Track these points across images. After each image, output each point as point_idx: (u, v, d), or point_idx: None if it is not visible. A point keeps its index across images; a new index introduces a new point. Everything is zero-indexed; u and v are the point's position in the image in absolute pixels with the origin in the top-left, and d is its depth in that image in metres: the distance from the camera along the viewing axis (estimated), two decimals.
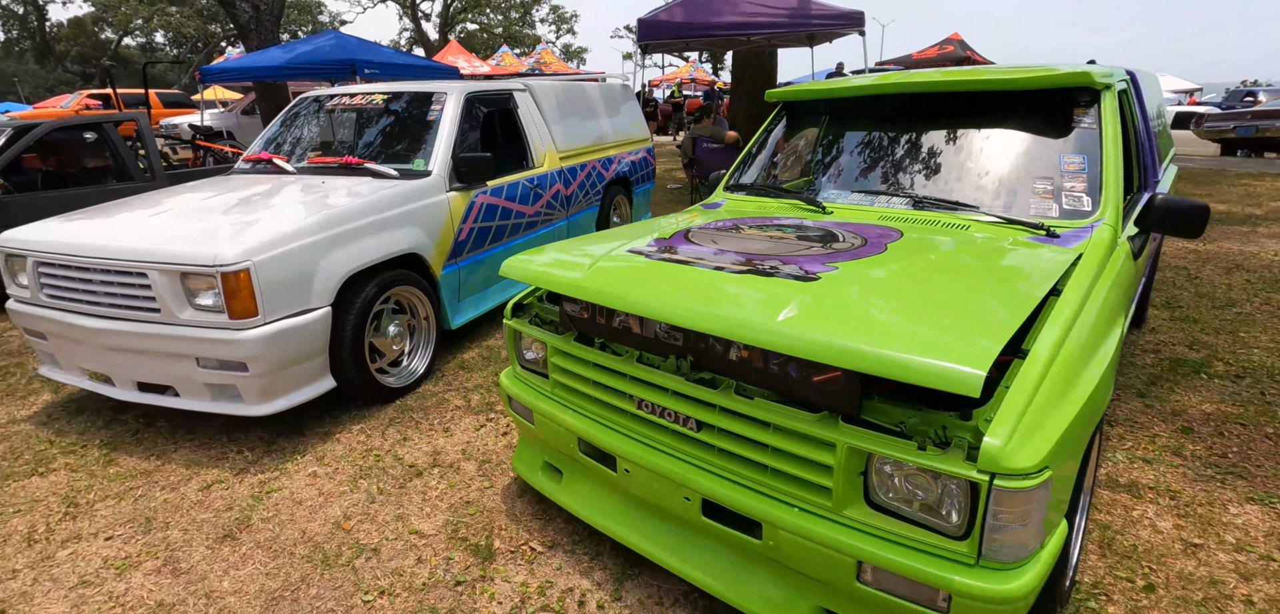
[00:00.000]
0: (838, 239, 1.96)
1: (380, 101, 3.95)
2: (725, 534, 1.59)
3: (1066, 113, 2.32)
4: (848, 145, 2.72)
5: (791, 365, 1.47)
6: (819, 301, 1.48)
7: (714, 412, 1.58)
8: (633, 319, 1.79)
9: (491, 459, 2.61)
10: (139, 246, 2.54)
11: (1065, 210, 2.10)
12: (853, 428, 1.36)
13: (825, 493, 1.41)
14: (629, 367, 1.75)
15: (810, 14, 7.51)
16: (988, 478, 1.20)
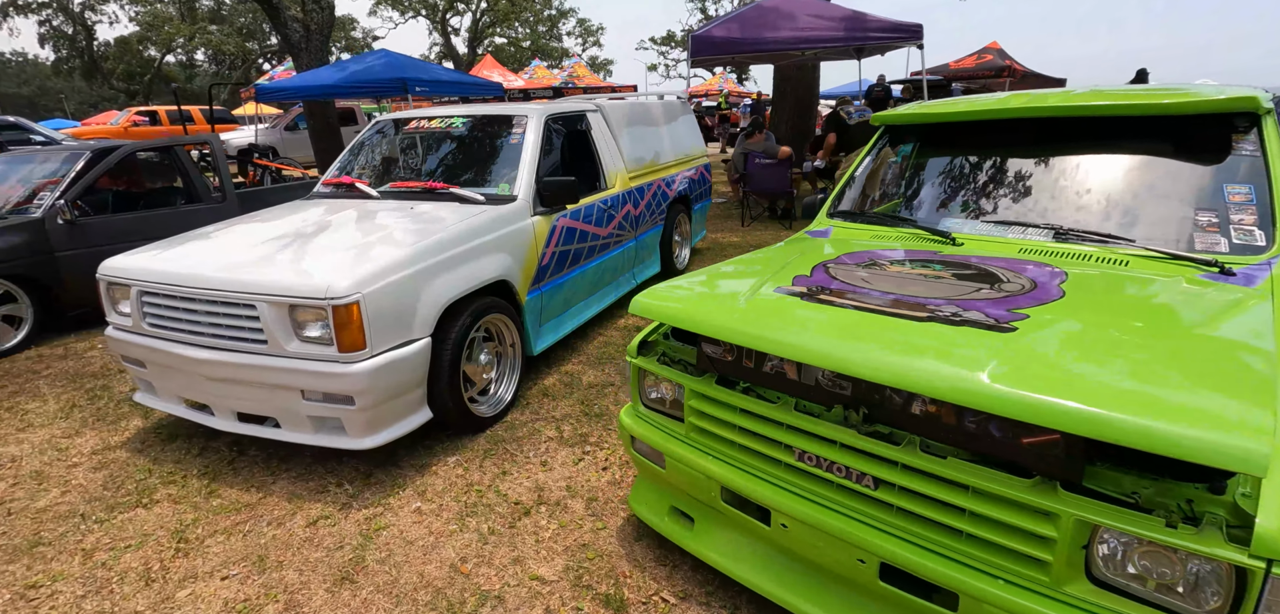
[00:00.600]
0: (1001, 279, 1.84)
1: (459, 125, 3.92)
2: (908, 602, 1.47)
3: (1223, 138, 2.17)
4: (969, 171, 2.60)
5: (993, 424, 1.35)
6: (1025, 356, 1.36)
7: (896, 469, 1.47)
8: (788, 364, 1.70)
9: (598, 497, 2.52)
10: (247, 278, 2.51)
11: (1236, 245, 1.95)
12: (1079, 497, 1.24)
13: (1041, 566, 1.29)
14: (787, 415, 1.65)
15: (867, 27, 7.37)
16: (1264, 565, 1.07)
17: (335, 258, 2.61)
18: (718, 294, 1.95)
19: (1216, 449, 1.05)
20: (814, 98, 12.15)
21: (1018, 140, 2.55)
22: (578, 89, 20.89)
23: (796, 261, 2.18)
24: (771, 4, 7.93)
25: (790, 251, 2.40)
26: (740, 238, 7.20)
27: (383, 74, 8.48)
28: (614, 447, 2.88)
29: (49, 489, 2.75)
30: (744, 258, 2.43)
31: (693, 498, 1.98)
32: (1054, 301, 1.64)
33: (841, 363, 1.47)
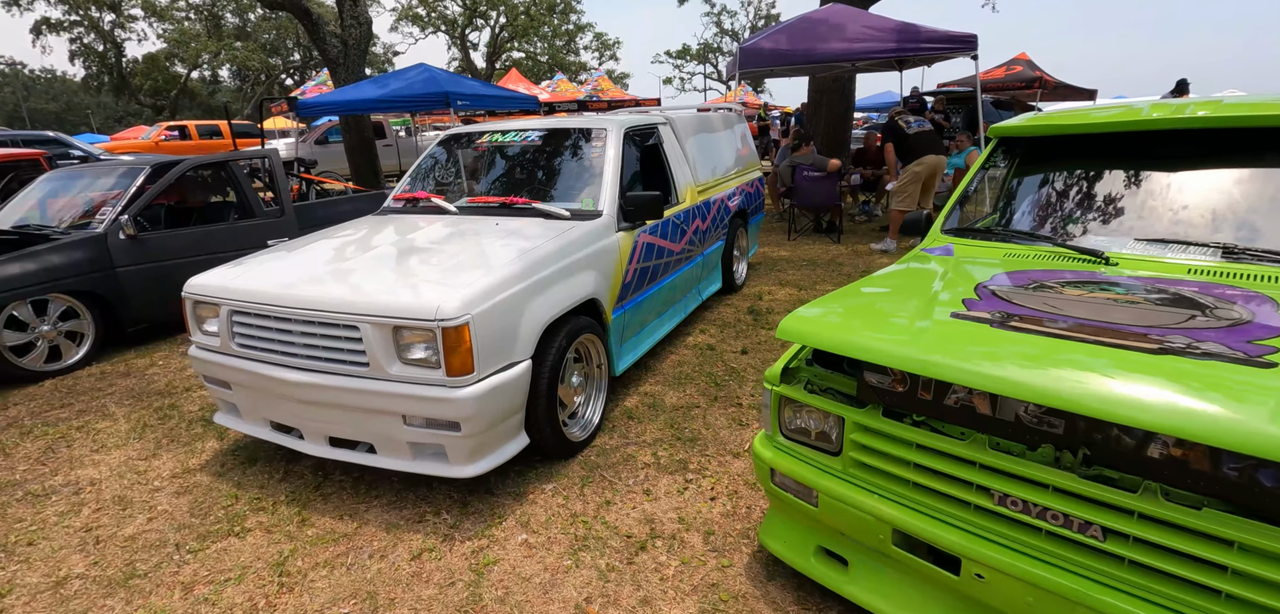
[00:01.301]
0: (1208, 306, 1.68)
1: (535, 139, 3.82)
2: None
3: None
4: (1108, 185, 2.44)
5: (1263, 472, 1.20)
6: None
7: (1132, 519, 1.32)
8: (977, 397, 1.55)
9: (715, 531, 2.38)
10: (349, 298, 2.41)
11: None
12: None
13: None
14: (984, 455, 1.51)
15: (920, 39, 7.22)
16: None
17: (437, 277, 2.50)
18: (879, 318, 1.81)
19: None
20: (850, 109, 12.00)
21: (1156, 151, 2.39)
22: (602, 103, 20.90)
23: (951, 281, 2.04)
24: (819, 16, 7.82)
25: (926, 271, 2.26)
26: (789, 252, 7.06)
27: (423, 89, 8.46)
28: (717, 474, 2.74)
29: (134, 515, 2.65)
30: (875, 278, 2.28)
31: (850, 539, 1.83)
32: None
33: (1068, 399, 1.32)
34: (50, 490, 2.88)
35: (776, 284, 5.69)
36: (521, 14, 43.11)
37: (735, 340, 4.31)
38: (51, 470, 3.05)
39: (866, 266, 6.17)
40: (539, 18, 44.47)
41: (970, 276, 2.09)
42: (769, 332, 4.44)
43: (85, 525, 2.61)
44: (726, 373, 3.79)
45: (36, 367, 4.18)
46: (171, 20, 38.39)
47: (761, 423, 2.05)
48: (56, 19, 35.20)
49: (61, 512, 2.71)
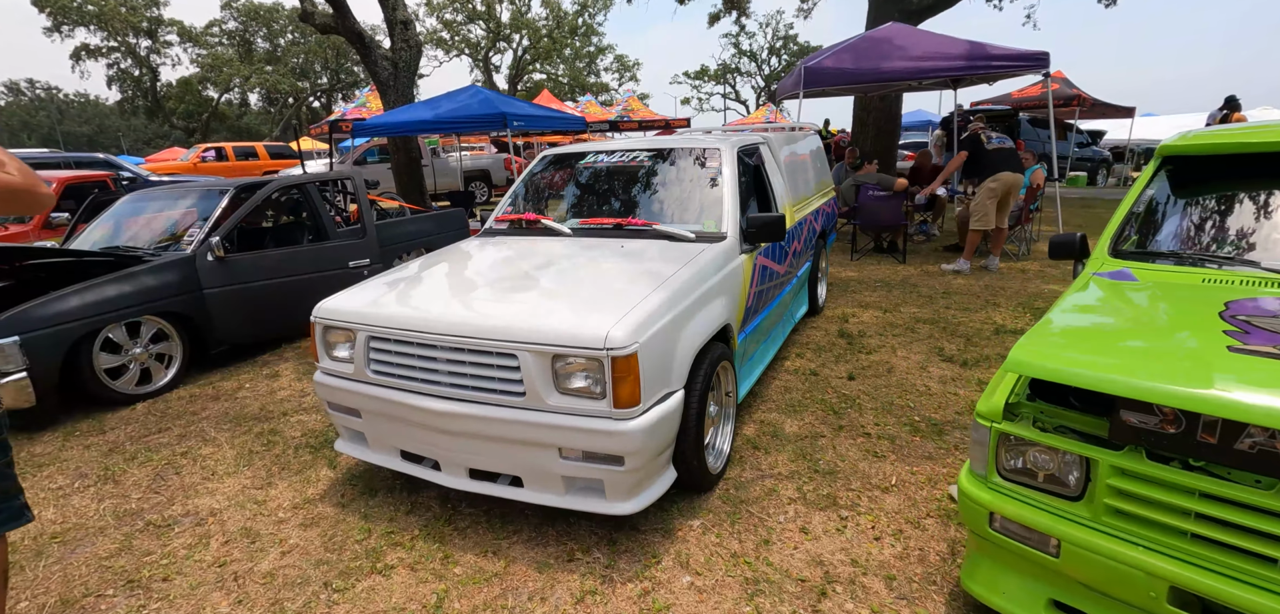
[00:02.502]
0: None
1: (645, 158, 3.73)
2: None
3: None
4: None
5: None
6: None
7: None
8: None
9: (896, 576, 2.22)
10: (507, 324, 2.30)
11: None
12: None
13: None
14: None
15: (989, 56, 7.10)
16: None
17: (594, 303, 2.39)
18: (1129, 352, 1.66)
19: None
20: (896, 127, 11.90)
21: None
22: (633, 123, 20.98)
23: (1182, 310, 1.89)
24: (883, 34, 7.74)
25: (1130, 298, 2.11)
26: (856, 272, 6.90)
27: (479, 110, 8.46)
28: (871, 510, 2.58)
29: (266, 549, 2.55)
30: (1073, 307, 2.13)
31: (1101, 594, 1.67)
32: None
33: None
34: (170, 521, 2.79)
35: (858, 306, 5.54)
36: (544, 36, 43.69)
37: (836, 365, 4.16)
38: (167, 499, 2.97)
39: (946, 288, 6.00)
40: (561, 40, 45.04)
41: (1200, 304, 1.93)
42: (869, 356, 4.29)
43: (217, 560, 2.51)
44: (840, 400, 3.63)
45: (128, 390, 4.13)
46: (205, 45, 39.34)
47: (973, 463, 1.90)
48: (95, 45, 36.22)
49: (189, 544, 2.61)
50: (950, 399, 3.57)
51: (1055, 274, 6.40)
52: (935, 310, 5.29)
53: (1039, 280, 6.17)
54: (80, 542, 2.67)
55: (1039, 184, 7.62)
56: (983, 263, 6.76)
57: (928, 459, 2.95)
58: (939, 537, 2.40)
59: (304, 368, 4.60)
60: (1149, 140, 18.97)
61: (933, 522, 2.49)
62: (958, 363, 4.09)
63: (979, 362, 4.09)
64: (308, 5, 10.34)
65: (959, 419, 3.32)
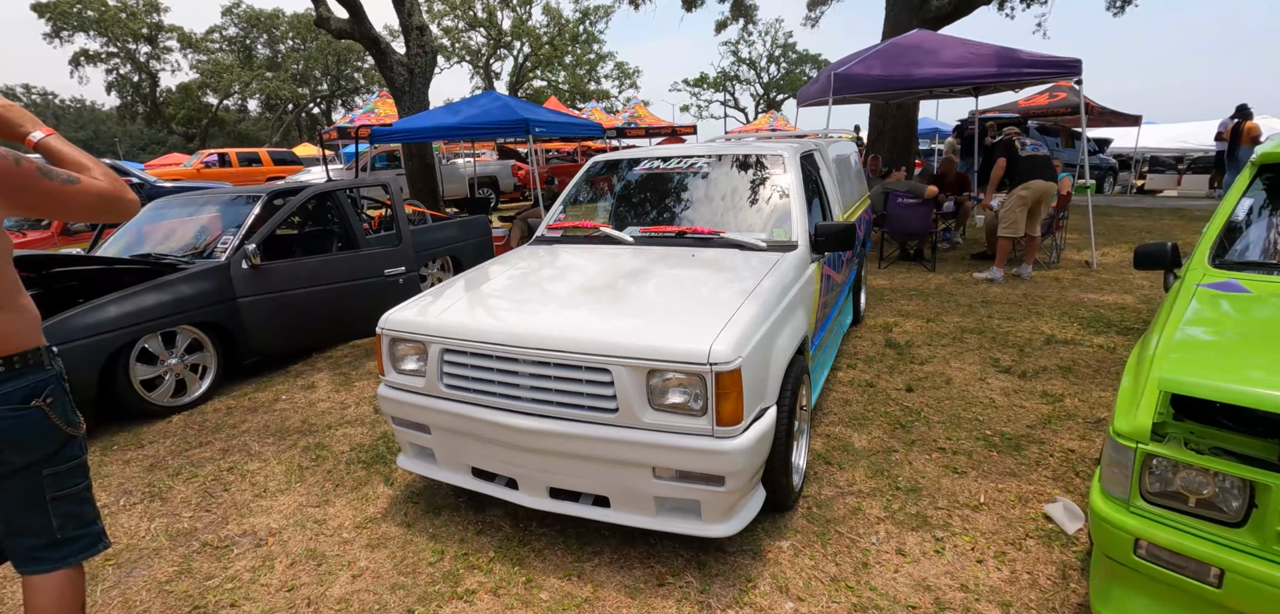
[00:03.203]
0: None
1: (704, 165, 3.64)
2: None
3: None
4: None
5: None
6: None
7: None
8: None
9: (1012, 602, 2.12)
10: (599, 337, 2.20)
11: None
12: None
13: None
14: None
15: (1021, 63, 7.04)
16: None
17: (687, 314, 2.29)
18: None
19: None
20: (913, 134, 11.88)
21: None
22: (640, 130, 20.93)
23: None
24: (911, 41, 7.69)
25: (1264, 314, 2.02)
26: (886, 281, 6.83)
27: (501, 117, 8.37)
28: (966, 531, 2.48)
29: (335, 572, 2.43)
30: (1196, 319, 2.04)
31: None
32: None
33: None
34: (228, 541, 2.67)
35: (898, 315, 5.45)
36: (545, 44, 43.70)
37: (891, 376, 4.07)
38: (220, 518, 2.85)
39: (984, 297, 5.92)
40: (562, 47, 45.05)
41: None
42: (922, 366, 4.20)
43: (284, 584, 2.39)
44: (903, 413, 3.54)
45: (164, 401, 4.01)
46: (205, 51, 39.18)
47: (1109, 485, 1.80)
48: (94, 51, 36.01)
49: (252, 567, 2.49)
50: (1018, 412, 3.48)
51: (1090, 282, 6.34)
52: (979, 319, 5.21)
53: (1076, 289, 6.10)
54: (135, 564, 2.55)
55: (1067, 193, 7.56)
56: (1016, 271, 6.69)
57: (1010, 476, 2.86)
58: (1045, 559, 2.30)
59: (340, 379, 4.48)
60: (1154, 148, 19.02)
61: (1034, 543, 2.39)
62: (1016, 374, 4.00)
63: (1038, 373, 4.00)
64: (322, 11, 10.24)
65: (1032, 433, 3.23)
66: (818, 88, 8.17)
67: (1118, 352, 4.32)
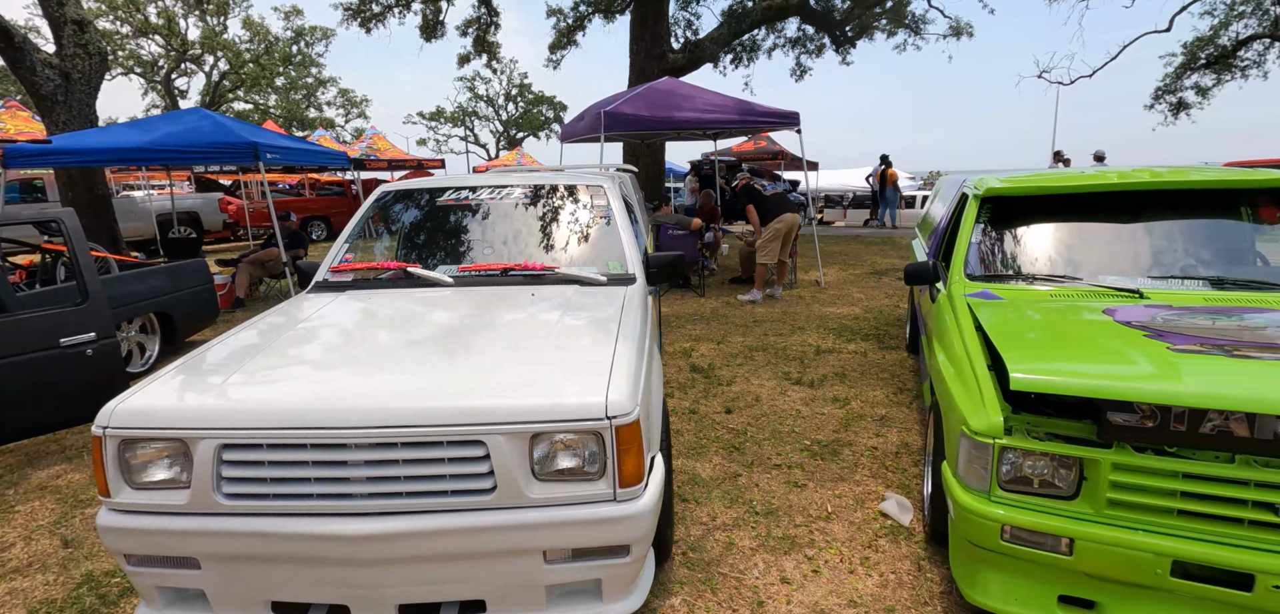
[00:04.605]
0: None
1: (520, 195, 3.31)
2: None
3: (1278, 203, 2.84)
4: (1105, 235, 2.97)
5: None
6: None
7: None
8: (1236, 421, 1.73)
9: (893, 607, 2.22)
10: (465, 403, 1.75)
11: None
12: None
13: None
14: (1268, 474, 1.67)
15: (755, 113, 8.12)
16: None
17: (564, 363, 1.97)
18: (1102, 367, 1.90)
19: None
20: (662, 172, 12.96)
21: (1138, 208, 2.98)
22: (381, 162, 19.22)
23: (1086, 321, 2.25)
24: (667, 87, 8.32)
25: (1033, 315, 2.45)
26: (667, 308, 7.18)
27: (216, 138, 6.80)
28: (829, 544, 2.58)
29: None
30: (1001, 325, 2.40)
31: (1104, 580, 1.86)
32: None
33: None
34: None
35: (691, 340, 5.72)
36: (249, 62, 37.80)
37: (708, 401, 4.19)
38: None
39: (752, 317, 6.55)
40: (271, 68, 39.48)
41: (1087, 315, 2.34)
42: (730, 388, 4.41)
43: None
44: (732, 435, 3.64)
45: None
46: None
47: (970, 480, 1.99)
48: None
49: None
50: (821, 419, 3.83)
51: (825, 298, 7.47)
52: (758, 338, 5.73)
53: (817, 305, 7.13)
54: None
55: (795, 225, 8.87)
56: (770, 292, 7.58)
57: (840, 480, 3.09)
58: (898, 555, 2.49)
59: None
60: (825, 188, 23.65)
61: (885, 542, 2.58)
62: (806, 384, 4.44)
63: (822, 381, 4.50)
64: None
65: (840, 437, 3.57)
66: (587, 125, 8.35)
67: (868, 355, 5.10)
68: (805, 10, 13.97)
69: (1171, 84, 18.50)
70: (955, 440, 2.08)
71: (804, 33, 16.14)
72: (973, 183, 3.58)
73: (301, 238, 8.78)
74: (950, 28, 16.06)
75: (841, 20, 14.67)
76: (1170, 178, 2.93)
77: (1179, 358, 1.87)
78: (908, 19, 15.57)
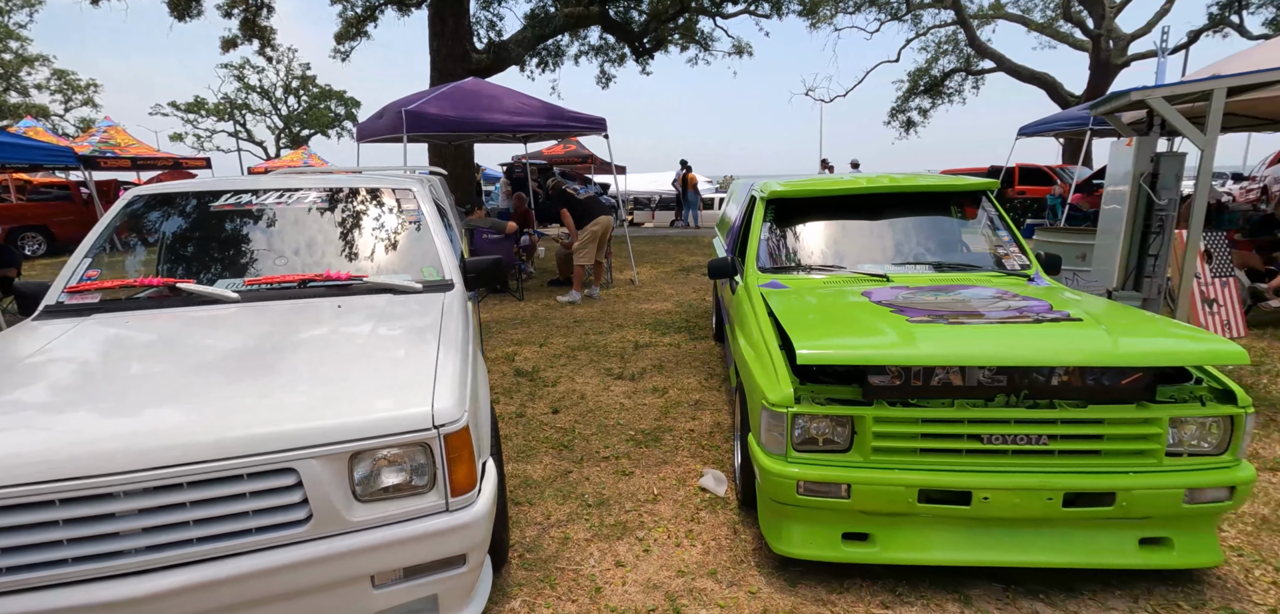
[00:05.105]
0: (993, 295, 2.73)
1: (315, 199, 3.03)
2: (1082, 514, 2.14)
3: (976, 204, 3.66)
4: (858, 230, 3.55)
5: (1106, 376, 2.15)
6: (1107, 330, 2.20)
7: (1056, 425, 2.13)
8: (953, 372, 2.20)
9: (717, 571, 2.44)
10: (274, 427, 1.58)
11: (1015, 268, 3.33)
12: (1169, 406, 2.12)
13: (1152, 456, 2.12)
14: (974, 412, 2.15)
15: (564, 118, 8.24)
16: (1245, 411, 2.11)
17: (381, 374, 1.86)
18: (862, 340, 2.28)
19: (1222, 355, 2.02)
20: (472, 173, 12.60)
21: (878, 209, 3.62)
22: (124, 160, 16.11)
23: (849, 302, 2.69)
24: (472, 87, 8.11)
25: (811, 300, 2.86)
26: (486, 314, 7.02)
27: None
28: (657, 523, 2.75)
29: None
30: (788, 310, 2.75)
31: (873, 514, 2.24)
32: (1053, 302, 2.59)
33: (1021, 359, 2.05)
34: None
35: (513, 344, 5.66)
36: None
37: (534, 403, 4.20)
38: None
39: (572, 318, 6.67)
40: None
41: (851, 297, 2.79)
42: (555, 388, 4.47)
43: None
44: (560, 434, 3.70)
45: None
46: None
47: (770, 447, 2.27)
48: None
49: None
50: (643, 410, 4.06)
51: (639, 295, 7.86)
52: (579, 337, 5.85)
53: (633, 302, 7.48)
54: None
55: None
56: (588, 292, 7.77)
57: (663, 464, 3.31)
58: (717, 523, 2.75)
59: None
60: (634, 191, 24.81)
61: (705, 513, 2.82)
62: (627, 378, 4.65)
63: (641, 374, 4.75)
64: None
65: (661, 424, 3.81)
66: (386, 124, 7.82)
67: (682, 346, 5.49)
68: (606, 20, 14.49)
69: (901, 105, 22.45)
70: (758, 413, 2.36)
71: (606, 41, 16.73)
72: (759, 186, 4.06)
73: (12, 254, 7.06)
74: (734, 46, 17.82)
75: (640, 32, 15.46)
76: (903, 183, 3.60)
77: (915, 328, 2.32)
78: (698, 36, 16.92)
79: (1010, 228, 3.52)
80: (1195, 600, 2.20)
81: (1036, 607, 2.20)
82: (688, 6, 15.07)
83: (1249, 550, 2.48)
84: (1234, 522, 2.67)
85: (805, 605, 2.23)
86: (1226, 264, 4.44)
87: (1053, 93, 18.69)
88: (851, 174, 4.25)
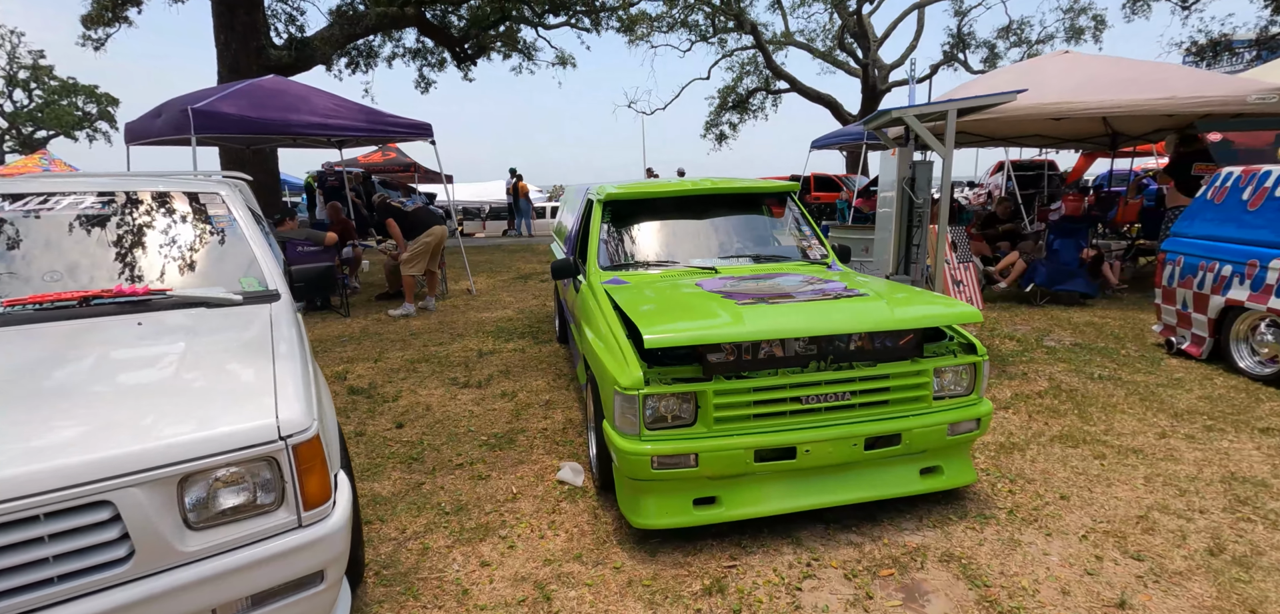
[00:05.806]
0: (801, 279, 3.15)
1: (92, 205, 2.60)
2: (878, 454, 2.58)
3: (782, 203, 4.19)
4: (690, 228, 3.87)
5: (888, 339, 2.63)
6: (888, 304, 2.68)
7: (855, 383, 2.56)
8: (775, 346, 2.54)
9: (582, 554, 2.53)
10: (80, 458, 1.38)
11: (816, 257, 3.88)
12: (930, 360, 2.64)
13: (924, 400, 2.63)
14: (794, 378, 2.49)
15: (385, 122, 7.78)
16: (984, 359, 2.70)
17: (213, 391, 1.69)
18: (690, 319, 2.52)
19: (966, 315, 2.59)
20: (277, 182, 11.39)
21: (702, 208, 3.98)
22: None
23: (685, 292, 2.94)
24: (275, 86, 7.37)
25: (650, 292, 3.07)
26: (309, 331, 6.40)
27: None
28: (519, 520, 2.78)
29: None
30: (632, 302, 2.94)
31: (717, 478, 2.49)
32: (841, 282, 3.06)
33: (825, 328, 2.44)
34: None
35: (343, 363, 5.25)
36: None
37: (375, 419, 3.96)
38: None
39: (407, 330, 6.34)
40: None
41: (687, 287, 3.06)
42: (397, 403, 4.25)
43: None
44: (408, 448, 3.55)
45: None
46: None
47: (625, 428, 2.41)
48: None
49: None
50: (494, 415, 4.02)
51: (478, 305, 7.68)
52: (418, 350, 5.59)
53: (473, 311, 7.30)
54: None
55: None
56: (423, 305, 7.42)
57: (520, 463, 3.33)
58: (578, 511, 2.84)
59: None
60: (463, 200, 24.01)
61: (566, 504, 2.91)
62: (474, 386, 4.57)
63: (488, 381, 4.68)
64: None
65: (514, 426, 3.82)
66: (166, 124, 6.79)
67: (527, 351, 5.50)
68: (423, 22, 13.90)
69: (714, 119, 24.33)
70: (611, 400, 2.51)
71: (423, 45, 16.02)
72: (595, 189, 4.24)
73: None
74: (557, 57, 18.04)
75: (460, 37, 15.05)
76: (723, 185, 4.00)
77: (743, 309, 2.62)
78: (521, 45, 16.87)
79: (811, 225, 4.09)
80: (959, 512, 2.77)
81: (851, 537, 2.60)
82: (509, 15, 14.96)
83: (992, 470, 3.15)
84: (980, 450, 3.37)
85: (666, 570, 2.42)
86: (967, 252, 5.53)
87: (835, 112, 21.51)
88: (678, 180, 4.60)
